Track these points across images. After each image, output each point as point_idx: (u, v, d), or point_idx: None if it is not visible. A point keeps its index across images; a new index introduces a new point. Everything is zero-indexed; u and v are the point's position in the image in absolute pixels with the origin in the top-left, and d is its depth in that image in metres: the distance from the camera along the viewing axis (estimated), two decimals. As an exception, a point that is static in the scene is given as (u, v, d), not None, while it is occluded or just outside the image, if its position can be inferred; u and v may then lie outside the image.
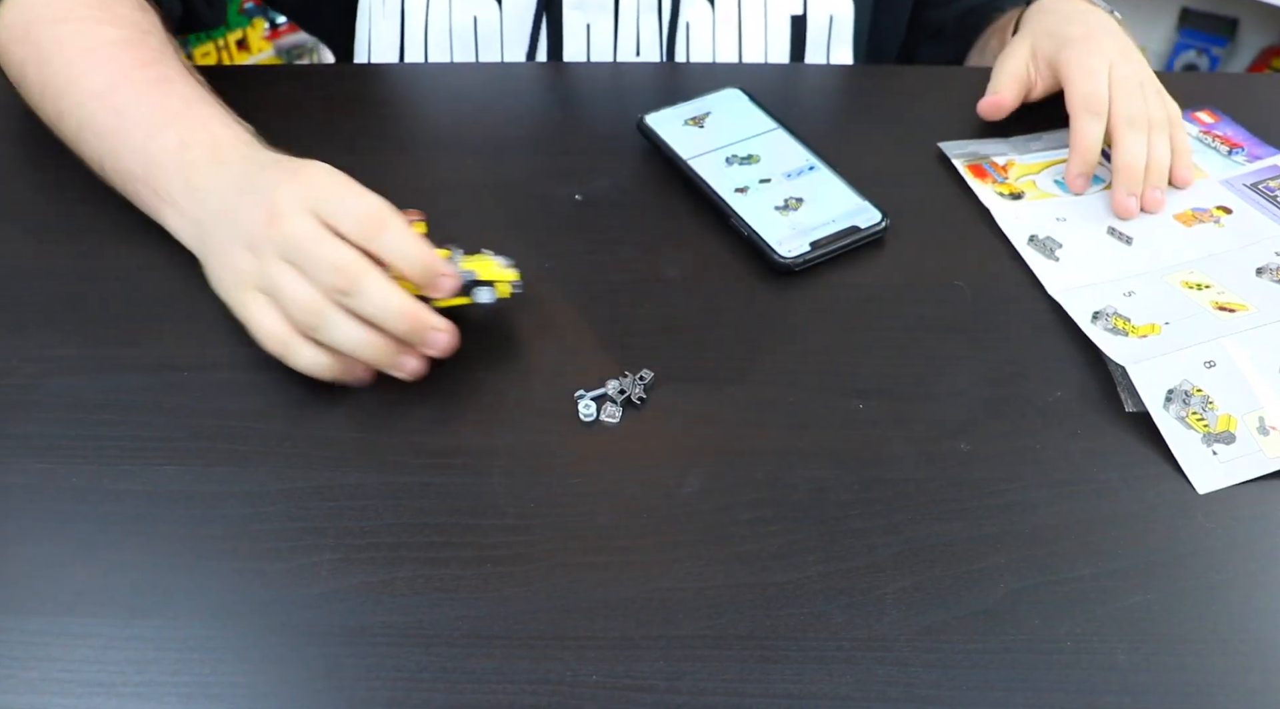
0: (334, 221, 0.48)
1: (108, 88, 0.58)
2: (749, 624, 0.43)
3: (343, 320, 0.48)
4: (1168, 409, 0.51)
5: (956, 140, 0.69)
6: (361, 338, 0.49)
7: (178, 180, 0.55)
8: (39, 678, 0.41)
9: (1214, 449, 0.49)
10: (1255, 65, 1.98)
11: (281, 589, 0.44)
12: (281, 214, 0.48)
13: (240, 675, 0.42)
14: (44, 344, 0.53)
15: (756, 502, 0.47)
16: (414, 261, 0.49)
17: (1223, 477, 0.49)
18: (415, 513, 0.47)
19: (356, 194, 0.49)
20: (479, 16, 0.76)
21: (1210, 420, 0.50)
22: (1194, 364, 0.52)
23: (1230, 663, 0.42)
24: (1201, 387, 0.51)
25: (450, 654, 0.42)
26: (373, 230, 0.48)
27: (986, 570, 0.45)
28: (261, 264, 0.49)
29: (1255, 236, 0.61)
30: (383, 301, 0.48)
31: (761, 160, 0.64)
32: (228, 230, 0.51)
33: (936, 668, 0.42)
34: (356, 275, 0.48)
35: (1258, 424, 0.50)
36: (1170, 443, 0.50)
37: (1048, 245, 0.61)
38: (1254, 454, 0.49)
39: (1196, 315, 0.55)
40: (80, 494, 0.47)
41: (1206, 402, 0.51)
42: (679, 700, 0.41)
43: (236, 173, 0.53)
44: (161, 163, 0.55)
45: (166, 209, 0.56)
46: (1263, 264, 0.59)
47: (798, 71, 0.75)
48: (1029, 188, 0.65)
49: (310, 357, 0.50)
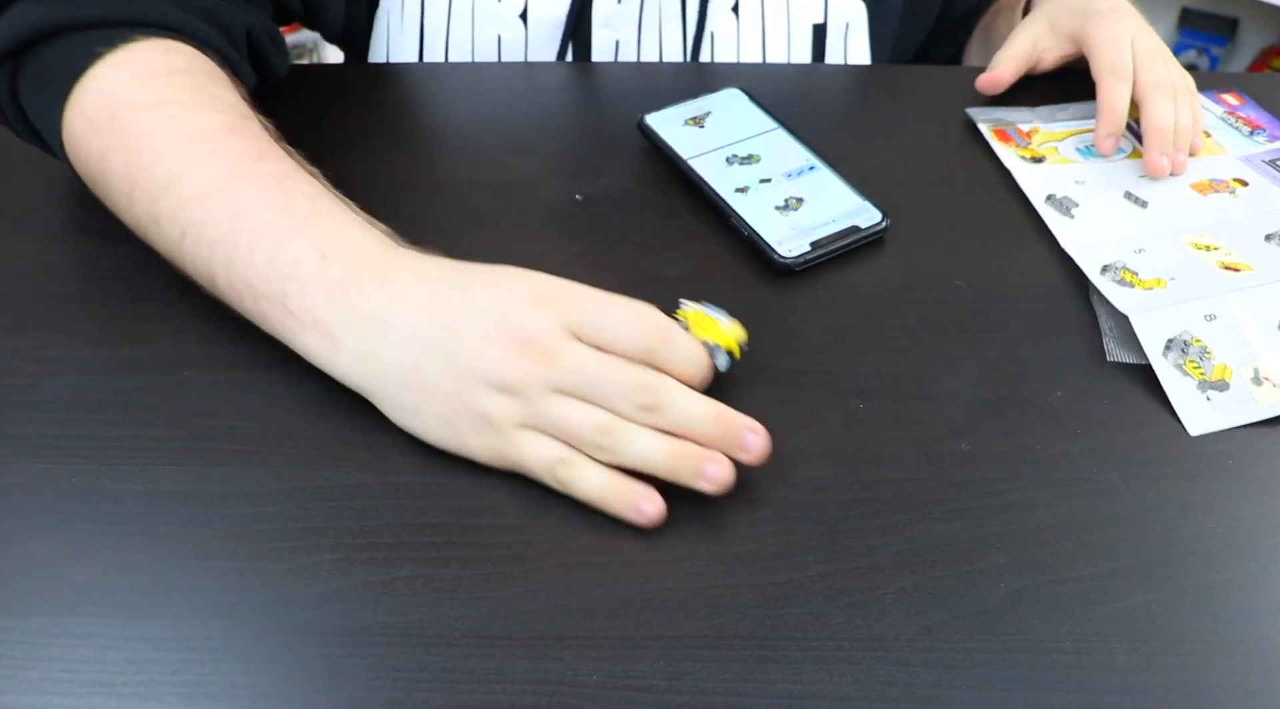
0: (608, 342, 0.45)
1: (216, 188, 0.50)
2: (749, 624, 0.43)
3: (642, 434, 0.45)
4: (1166, 356, 0.52)
5: (984, 107, 0.71)
6: (665, 448, 0.45)
7: (324, 303, 0.47)
8: (39, 678, 0.41)
9: (1208, 395, 0.51)
10: (1255, 65, 1.98)
11: (282, 589, 0.44)
12: (552, 350, 0.45)
13: (240, 675, 0.42)
14: (44, 344, 0.53)
15: (756, 501, 0.47)
16: (699, 365, 0.47)
17: (1214, 421, 0.50)
18: (415, 513, 0.47)
19: (623, 306, 0.46)
20: (503, 36, 0.75)
21: (1207, 369, 0.52)
22: (1195, 316, 0.54)
23: (1230, 663, 0.42)
24: (1201, 338, 0.53)
25: (450, 654, 0.42)
26: (657, 341, 0.46)
27: (986, 570, 0.45)
28: (529, 404, 0.45)
29: (1268, 206, 0.63)
30: (692, 410, 0.45)
31: (762, 160, 0.64)
32: (442, 369, 0.45)
33: (936, 668, 0.42)
34: (660, 390, 0.45)
35: (1252, 375, 0.52)
36: (1166, 386, 0.51)
37: (1064, 204, 0.63)
38: (1246, 402, 0.51)
39: (1202, 273, 0.57)
40: (80, 494, 0.47)
41: (1204, 351, 0.52)
42: (679, 700, 0.41)
43: (414, 295, 0.47)
44: (298, 280, 0.47)
45: (311, 335, 0.48)
46: (1272, 231, 0.61)
47: (798, 72, 0.75)
48: (1051, 153, 0.68)
49: (600, 479, 0.45)
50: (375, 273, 0.47)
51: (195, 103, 0.53)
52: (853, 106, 0.74)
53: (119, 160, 0.52)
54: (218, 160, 0.51)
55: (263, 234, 0.48)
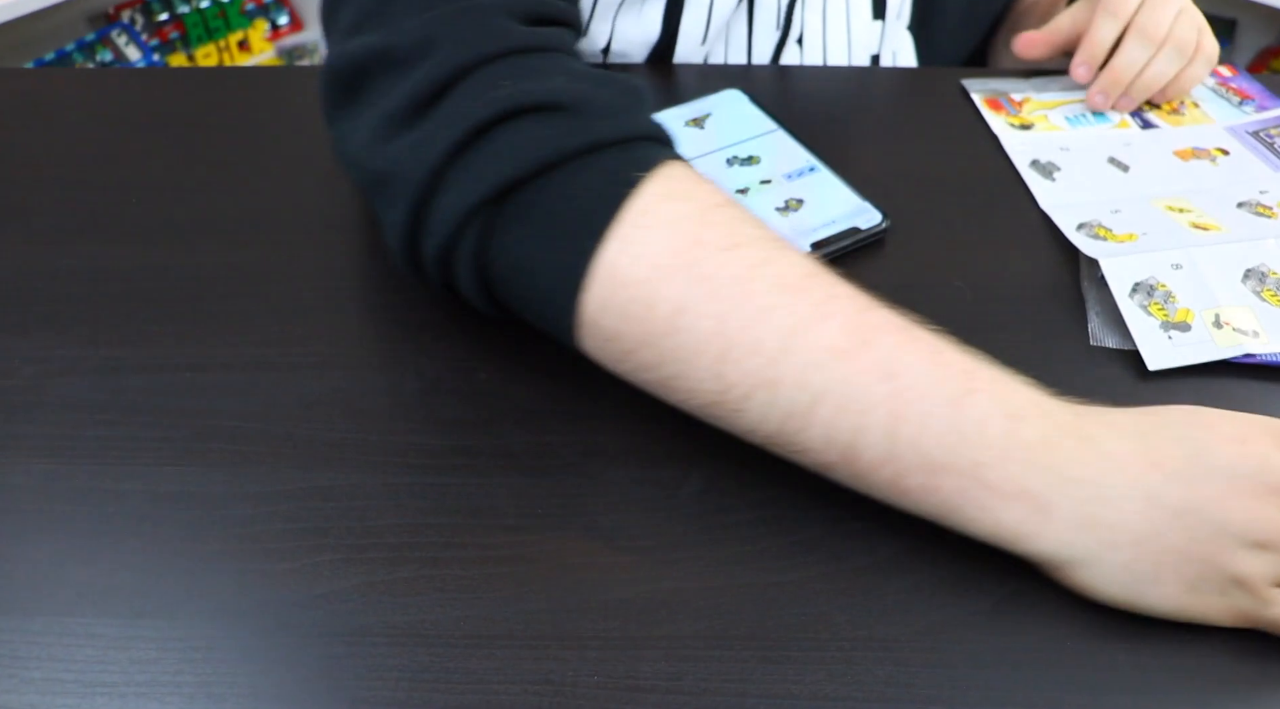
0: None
1: (854, 341, 0.42)
2: (750, 624, 0.43)
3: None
4: (1132, 298, 0.54)
5: (979, 78, 0.73)
6: None
7: (1032, 471, 0.41)
8: (41, 678, 0.41)
9: (1170, 335, 0.53)
10: (1254, 66, 1.98)
11: (283, 589, 0.44)
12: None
13: (242, 676, 0.42)
14: (45, 345, 0.54)
15: (757, 501, 0.47)
16: None
17: (1174, 358, 0.52)
18: (415, 513, 0.47)
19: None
20: None
21: (1170, 311, 0.54)
22: (1162, 265, 0.56)
23: (1230, 663, 0.42)
24: (1166, 283, 0.55)
25: (451, 654, 0.42)
26: None
27: (987, 571, 0.45)
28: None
29: (1246, 176, 0.64)
30: None
31: (762, 161, 0.64)
32: (1189, 532, 0.40)
33: (937, 668, 0.42)
34: None
35: (1214, 319, 0.53)
36: (1129, 324, 0.53)
37: (1048, 168, 0.65)
38: (1205, 343, 0.52)
39: (1172, 231, 0.59)
40: (82, 495, 0.47)
41: (1169, 295, 0.54)
42: (680, 700, 0.41)
43: (1131, 453, 0.41)
44: (991, 446, 0.41)
45: (1014, 508, 0.41)
46: (1245, 199, 0.62)
47: (798, 73, 0.76)
48: (1040, 121, 0.69)
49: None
50: (1071, 431, 0.42)
51: (767, 239, 0.44)
52: (853, 107, 0.74)
53: (710, 313, 0.42)
54: (838, 307, 0.42)
55: (930, 393, 0.41)
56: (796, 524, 0.47)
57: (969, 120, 0.71)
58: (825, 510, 0.47)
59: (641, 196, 0.43)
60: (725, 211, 0.44)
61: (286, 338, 0.53)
